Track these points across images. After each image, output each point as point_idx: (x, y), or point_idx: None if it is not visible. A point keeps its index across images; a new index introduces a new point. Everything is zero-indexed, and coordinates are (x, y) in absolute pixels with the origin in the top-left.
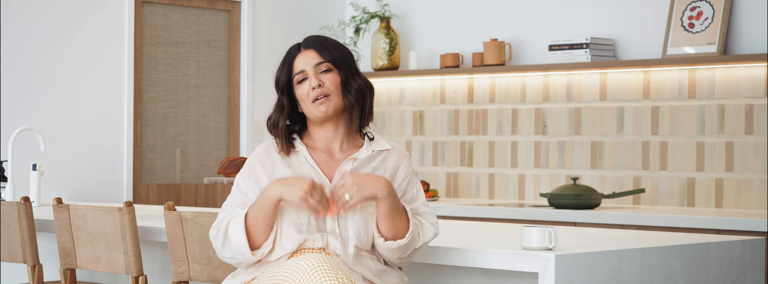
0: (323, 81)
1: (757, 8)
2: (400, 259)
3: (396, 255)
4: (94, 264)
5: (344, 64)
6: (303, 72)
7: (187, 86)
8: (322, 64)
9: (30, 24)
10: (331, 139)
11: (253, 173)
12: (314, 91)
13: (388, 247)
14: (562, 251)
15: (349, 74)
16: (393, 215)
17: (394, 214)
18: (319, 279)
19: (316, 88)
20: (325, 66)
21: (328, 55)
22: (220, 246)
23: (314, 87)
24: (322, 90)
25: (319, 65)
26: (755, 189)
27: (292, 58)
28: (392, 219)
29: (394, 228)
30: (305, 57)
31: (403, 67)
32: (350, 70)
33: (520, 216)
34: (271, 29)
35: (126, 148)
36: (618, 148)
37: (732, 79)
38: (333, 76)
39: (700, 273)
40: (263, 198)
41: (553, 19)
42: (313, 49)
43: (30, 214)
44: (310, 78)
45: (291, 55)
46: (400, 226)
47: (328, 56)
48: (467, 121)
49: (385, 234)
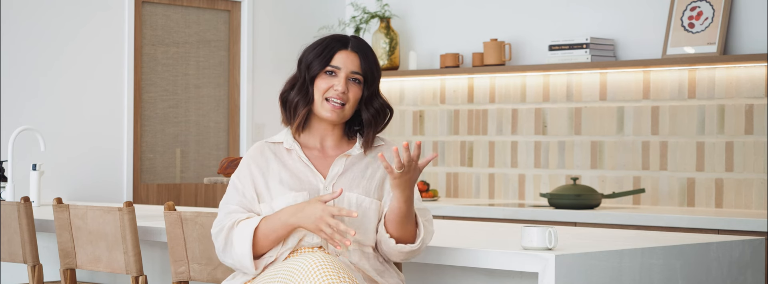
0: (348, 89)
1: (757, 8)
2: (402, 259)
3: (402, 256)
4: (94, 264)
5: (373, 83)
6: (337, 69)
7: (187, 86)
8: (357, 74)
9: (30, 24)
10: (327, 133)
11: (249, 172)
12: (336, 92)
13: (400, 250)
14: (562, 251)
15: (372, 93)
16: (408, 216)
17: (408, 217)
18: (320, 277)
19: (340, 92)
20: (358, 77)
21: (367, 68)
22: (222, 250)
23: (338, 90)
24: (342, 98)
25: (354, 73)
26: (755, 189)
27: (333, 52)
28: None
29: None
30: (347, 58)
31: (403, 67)
32: (375, 89)
33: (520, 216)
34: (271, 29)
35: (126, 148)
36: (618, 148)
37: (732, 79)
38: (357, 90)
39: (700, 273)
40: (279, 223)
41: (553, 19)
42: (357, 54)
43: (30, 214)
44: (340, 79)
45: (333, 48)
46: (408, 229)
47: (365, 69)
48: (467, 121)
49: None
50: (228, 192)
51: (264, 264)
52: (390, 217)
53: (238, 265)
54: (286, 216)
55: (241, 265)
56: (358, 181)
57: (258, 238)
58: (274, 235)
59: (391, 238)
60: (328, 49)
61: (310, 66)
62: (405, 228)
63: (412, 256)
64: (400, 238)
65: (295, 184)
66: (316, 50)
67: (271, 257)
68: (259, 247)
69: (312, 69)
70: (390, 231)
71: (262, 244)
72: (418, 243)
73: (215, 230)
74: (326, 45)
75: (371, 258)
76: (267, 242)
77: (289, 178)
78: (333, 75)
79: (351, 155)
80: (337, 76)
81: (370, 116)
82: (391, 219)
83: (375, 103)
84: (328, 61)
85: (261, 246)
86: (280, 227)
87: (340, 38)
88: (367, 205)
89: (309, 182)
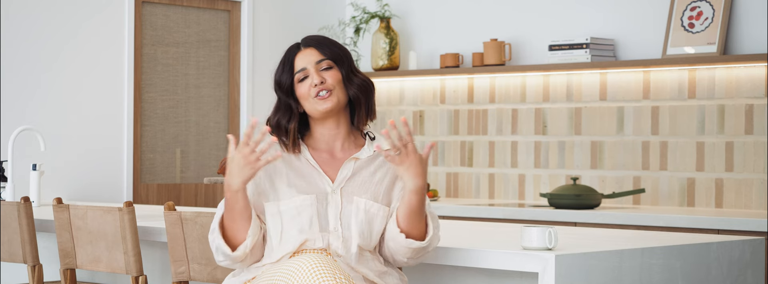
0: (325, 77)
1: (757, 8)
2: (409, 259)
3: (409, 254)
4: (94, 264)
5: (344, 62)
6: (304, 70)
7: (187, 86)
8: (323, 61)
9: (30, 24)
10: (333, 137)
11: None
12: (316, 87)
13: (409, 245)
14: (562, 251)
15: (349, 71)
16: (419, 213)
17: (420, 213)
18: (317, 279)
19: (319, 85)
20: (325, 63)
21: (328, 52)
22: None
23: (316, 84)
24: (325, 86)
25: (320, 62)
26: (755, 189)
27: (292, 58)
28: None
29: (413, 227)
30: (305, 55)
31: (403, 67)
32: (350, 67)
33: (520, 216)
34: (271, 29)
35: (126, 148)
36: (618, 148)
37: (732, 79)
38: (334, 73)
39: (700, 273)
40: (226, 192)
41: (553, 19)
42: (312, 47)
43: (30, 214)
44: (311, 75)
45: (291, 55)
46: (421, 226)
47: (328, 53)
48: (467, 121)
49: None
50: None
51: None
52: (401, 210)
53: (224, 258)
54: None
55: (225, 256)
56: (366, 186)
57: (224, 221)
58: (229, 206)
59: (401, 233)
60: (288, 59)
61: (280, 81)
62: (415, 222)
63: (419, 256)
64: (409, 233)
65: (303, 187)
66: (280, 67)
67: (252, 238)
68: (232, 230)
69: (283, 83)
70: (400, 226)
71: (230, 226)
72: (427, 240)
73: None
74: (285, 57)
75: (371, 261)
76: (231, 220)
77: (296, 180)
78: (305, 78)
79: (360, 158)
80: (309, 74)
81: (356, 92)
82: (402, 212)
83: (355, 79)
84: (293, 68)
85: (232, 228)
86: (230, 196)
87: (294, 45)
88: (374, 211)
89: (316, 185)
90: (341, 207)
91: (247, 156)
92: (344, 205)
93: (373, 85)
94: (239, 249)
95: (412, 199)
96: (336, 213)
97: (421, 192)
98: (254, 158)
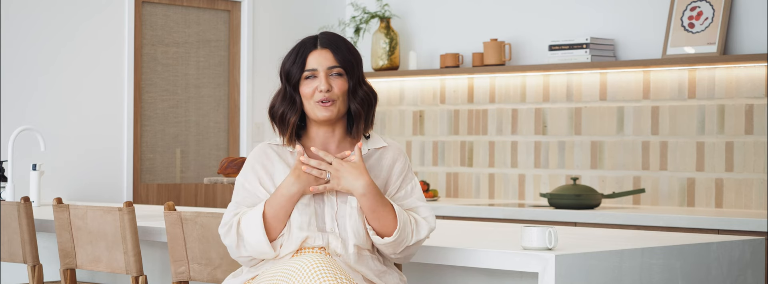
0: (332, 85)
1: (757, 8)
2: (395, 254)
3: (389, 250)
4: (94, 264)
5: (355, 72)
6: (314, 71)
7: (187, 86)
8: (335, 68)
9: (30, 24)
10: (328, 138)
11: (254, 173)
12: (321, 93)
13: (377, 242)
14: (562, 251)
15: (356, 82)
16: (375, 212)
17: (377, 211)
18: (317, 279)
19: (324, 92)
20: (337, 70)
21: (342, 59)
22: (235, 246)
23: (322, 90)
24: (330, 95)
25: (331, 68)
26: (755, 189)
27: (306, 54)
28: (375, 217)
29: (380, 224)
30: (320, 56)
31: (403, 67)
32: (358, 78)
33: (520, 216)
34: (271, 29)
35: (126, 148)
36: (618, 148)
37: (732, 79)
38: (342, 83)
39: (700, 273)
40: (284, 199)
41: (553, 19)
42: (329, 49)
43: (30, 214)
44: (320, 79)
45: (305, 51)
46: (386, 223)
47: (341, 60)
48: (467, 120)
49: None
50: (236, 194)
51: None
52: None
53: (256, 254)
54: (284, 190)
55: (260, 253)
56: None
57: (268, 221)
58: (283, 211)
59: (371, 230)
60: (301, 53)
61: (289, 75)
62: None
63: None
64: (380, 231)
65: None
66: (291, 58)
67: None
68: (272, 229)
69: (292, 77)
70: (371, 224)
71: (273, 225)
72: (394, 235)
73: (223, 230)
74: (298, 50)
75: (369, 260)
76: (276, 221)
77: None
78: (313, 78)
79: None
80: (317, 76)
81: (357, 106)
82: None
83: (359, 92)
84: (304, 65)
85: (273, 227)
86: (286, 201)
87: (309, 39)
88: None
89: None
90: (337, 208)
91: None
92: (339, 206)
93: (376, 97)
94: (276, 247)
95: (361, 202)
96: (332, 213)
97: (366, 196)
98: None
